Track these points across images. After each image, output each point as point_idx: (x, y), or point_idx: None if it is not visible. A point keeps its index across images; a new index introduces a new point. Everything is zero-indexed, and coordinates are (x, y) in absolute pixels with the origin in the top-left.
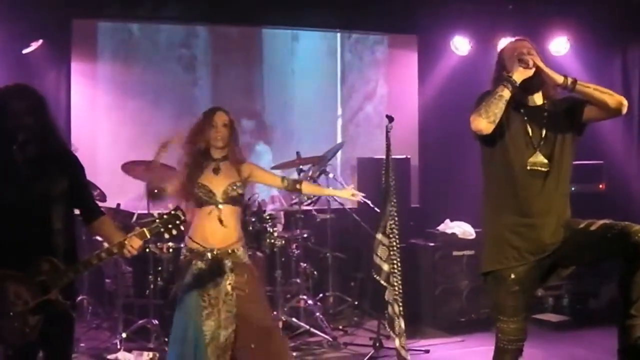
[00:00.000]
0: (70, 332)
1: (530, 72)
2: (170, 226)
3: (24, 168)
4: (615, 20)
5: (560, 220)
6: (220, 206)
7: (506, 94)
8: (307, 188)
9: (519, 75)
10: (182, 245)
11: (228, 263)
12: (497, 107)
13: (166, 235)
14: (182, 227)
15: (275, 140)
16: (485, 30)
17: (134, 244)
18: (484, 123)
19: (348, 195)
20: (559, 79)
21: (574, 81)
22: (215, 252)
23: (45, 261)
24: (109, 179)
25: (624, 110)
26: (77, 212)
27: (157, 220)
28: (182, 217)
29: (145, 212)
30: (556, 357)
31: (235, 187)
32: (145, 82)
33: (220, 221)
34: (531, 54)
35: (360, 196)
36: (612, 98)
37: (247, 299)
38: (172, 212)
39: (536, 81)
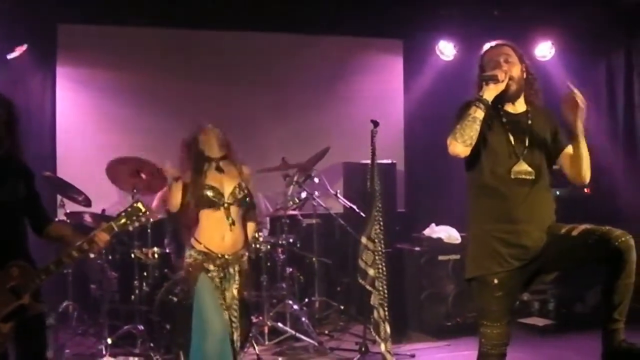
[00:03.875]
0: (43, 334)
1: (501, 87)
2: (134, 218)
3: None
4: (600, 25)
5: (544, 226)
6: (230, 208)
7: (479, 114)
8: (249, 228)
9: (490, 93)
10: (167, 251)
11: (237, 268)
12: (471, 130)
13: (130, 228)
14: (143, 219)
15: (261, 146)
16: (470, 35)
17: (102, 237)
18: (460, 147)
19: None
20: (579, 129)
21: (582, 134)
22: (227, 257)
23: (14, 266)
24: (93, 184)
25: (582, 183)
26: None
27: (122, 214)
28: (143, 209)
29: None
30: None
31: (242, 188)
32: (132, 87)
33: (232, 223)
34: (508, 61)
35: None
36: (587, 172)
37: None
38: (134, 204)
39: (513, 92)
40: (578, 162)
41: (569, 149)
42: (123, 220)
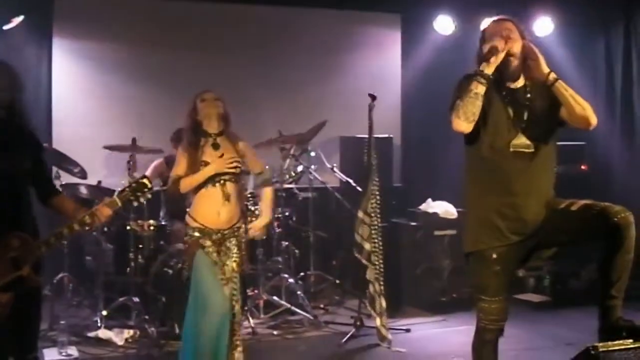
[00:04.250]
0: (39, 307)
1: (501, 57)
2: (138, 194)
3: None
4: (598, 1)
5: (543, 201)
6: (226, 183)
7: (481, 89)
8: (266, 194)
9: (490, 67)
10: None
11: (233, 241)
12: (474, 106)
13: (135, 203)
14: (149, 195)
15: (257, 119)
16: (469, 10)
17: (104, 212)
18: (463, 125)
19: (259, 223)
20: (545, 69)
21: (556, 79)
22: (223, 232)
23: (15, 237)
24: (89, 156)
25: (590, 127)
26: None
27: (127, 189)
28: (149, 185)
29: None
30: (537, 337)
31: (238, 164)
32: (128, 59)
33: (227, 198)
34: (510, 37)
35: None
36: (583, 112)
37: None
38: (140, 180)
39: (514, 67)
40: (567, 105)
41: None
42: (127, 196)
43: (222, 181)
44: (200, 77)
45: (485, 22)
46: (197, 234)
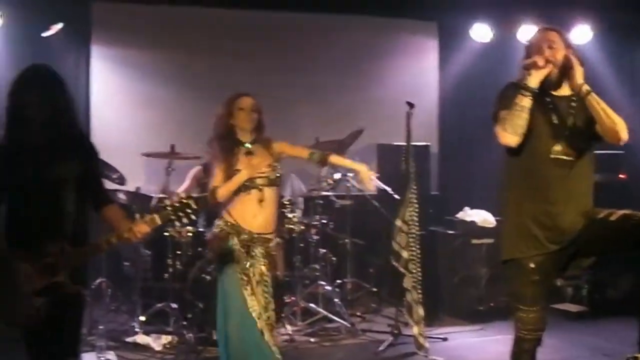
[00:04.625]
0: (79, 316)
1: (545, 72)
2: (181, 214)
3: (40, 150)
4: (637, 8)
5: (581, 209)
6: (263, 189)
7: (527, 103)
8: (335, 160)
9: (535, 80)
10: (201, 229)
11: (260, 250)
12: (520, 119)
13: (177, 223)
14: (192, 217)
15: (294, 126)
16: (506, 17)
17: (141, 229)
18: (510, 137)
19: (364, 172)
20: (579, 81)
21: (589, 92)
22: (252, 235)
23: (54, 243)
24: (128, 162)
25: (619, 142)
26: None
27: (169, 208)
28: (194, 207)
29: (164, 196)
30: (574, 347)
31: (274, 169)
32: (166, 66)
33: (263, 203)
34: (552, 47)
35: (372, 181)
36: (613, 126)
37: None
38: (184, 200)
39: (555, 77)
40: (598, 118)
41: None
42: (169, 215)
43: (259, 187)
44: (238, 84)
45: (524, 31)
46: (227, 227)
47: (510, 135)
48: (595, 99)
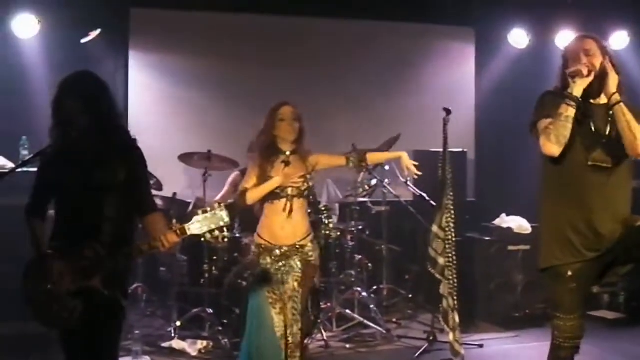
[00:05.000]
0: (114, 323)
1: (588, 80)
2: (213, 226)
3: (84, 155)
4: None
5: (619, 217)
6: (291, 199)
7: (571, 112)
8: (372, 158)
9: (578, 89)
10: (237, 235)
11: (297, 260)
12: (565, 130)
13: (207, 237)
14: (225, 231)
15: (331, 132)
16: (543, 24)
17: (170, 238)
18: (555, 148)
19: (405, 159)
20: (611, 90)
21: (618, 102)
22: (284, 250)
23: (90, 247)
24: (165, 168)
25: (638, 157)
26: None
27: (199, 218)
28: (226, 219)
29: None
30: (611, 354)
31: (307, 180)
32: (203, 73)
33: (291, 213)
34: (589, 55)
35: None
36: (634, 141)
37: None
38: (217, 211)
39: (597, 86)
40: (621, 129)
41: None
42: (199, 227)
43: (288, 196)
44: (274, 90)
45: (562, 37)
46: (258, 250)
47: (554, 145)
48: (623, 110)
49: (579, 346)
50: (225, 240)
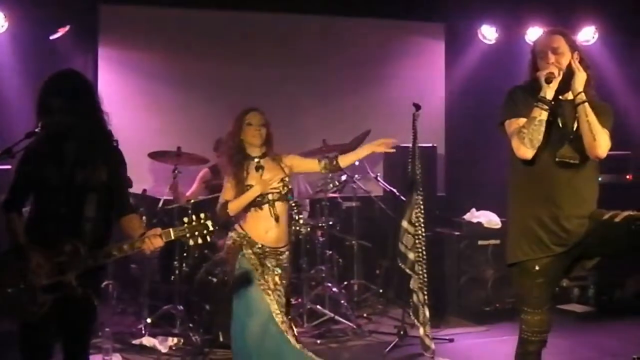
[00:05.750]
0: (89, 319)
1: (557, 81)
2: (196, 234)
3: (69, 157)
4: None
5: (586, 212)
6: (273, 204)
7: (544, 116)
8: (344, 161)
9: (551, 91)
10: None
11: (273, 262)
12: (539, 133)
13: (190, 242)
14: (208, 238)
15: (302, 128)
16: (512, 19)
17: (155, 241)
18: (529, 152)
19: (377, 144)
20: (577, 88)
21: (583, 102)
22: (266, 249)
23: (69, 244)
24: (135, 165)
25: (596, 158)
26: None
27: (186, 225)
28: (211, 227)
29: (171, 198)
30: (581, 347)
31: (285, 183)
32: (173, 69)
33: (277, 219)
34: (557, 53)
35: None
36: (592, 142)
37: None
38: (202, 219)
39: (565, 82)
40: (582, 129)
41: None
42: (184, 233)
43: (270, 202)
44: (245, 87)
45: (532, 33)
46: (239, 239)
47: (528, 149)
48: (586, 110)
49: (546, 340)
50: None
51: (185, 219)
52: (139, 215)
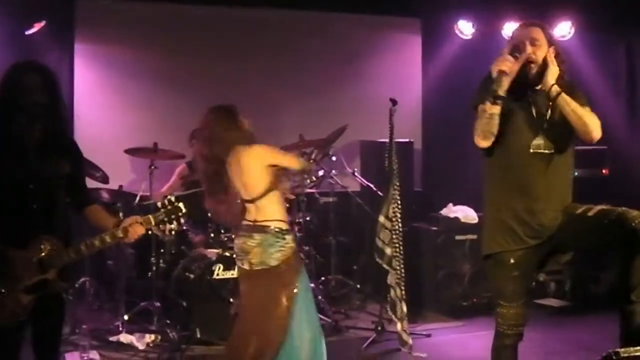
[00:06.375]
0: (62, 314)
1: (513, 73)
2: (173, 216)
3: (32, 147)
4: (619, 5)
5: (560, 205)
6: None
7: (496, 110)
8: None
9: (504, 87)
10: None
11: None
12: (490, 126)
13: (168, 225)
14: (182, 220)
15: (278, 123)
16: (489, 14)
17: (138, 229)
18: (483, 143)
19: None
20: (549, 81)
21: (558, 93)
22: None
23: (46, 240)
24: (111, 161)
25: (592, 141)
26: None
27: (162, 210)
28: (184, 209)
29: (147, 193)
30: (557, 341)
31: None
32: (149, 65)
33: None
34: (535, 44)
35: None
36: (583, 127)
37: None
38: (175, 203)
39: (535, 74)
40: (570, 119)
41: None
42: (162, 217)
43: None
44: (222, 82)
45: (507, 27)
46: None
47: (484, 141)
48: (565, 100)
49: (522, 333)
50: (173, 233)
51: (159, 204)
52: (99, 204)
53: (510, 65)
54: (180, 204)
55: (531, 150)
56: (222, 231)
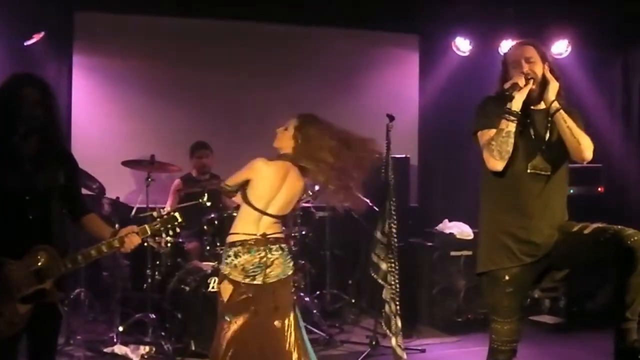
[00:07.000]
0: (58, 324)
1: (526, 91)
2: (169, 227)
3: (28, 158)
4: (616, 23)
5: (556, 223)
6: None
7: (512, 127)
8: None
9: (518, 102)
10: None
11: None
12: (507, 145)
13: (164, 236)
14: (178, 230)
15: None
16: (486, 32)
17: (134, 239)
18: (499, 164)
19: None
20: (550, 97)
21: (557, 110)
22: None
23: (43, 251)
24: (108, 172)
25: (582, 161)
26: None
27: (158, 220)
28: (180, 219)
29: (144, 205)
30: (552, 358)
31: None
32: (147, 76)
33: None
34: (530, 62)
35: None
36: (577, 146)
37: None
38: (172, 213)
39: (538, 93)
40: (564, 136)
41: None
42: (158, 227)
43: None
44: (220, 96)
45: (506, 45)
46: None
47: (499, 161)
48: (563, 116)
49: (516, 349)
50: (169, 245)
51: (155, 214)
52: (96, 214)
53: (523, 80)
54: (177, 214)
55: (529, 171)
56: (218, 244)
